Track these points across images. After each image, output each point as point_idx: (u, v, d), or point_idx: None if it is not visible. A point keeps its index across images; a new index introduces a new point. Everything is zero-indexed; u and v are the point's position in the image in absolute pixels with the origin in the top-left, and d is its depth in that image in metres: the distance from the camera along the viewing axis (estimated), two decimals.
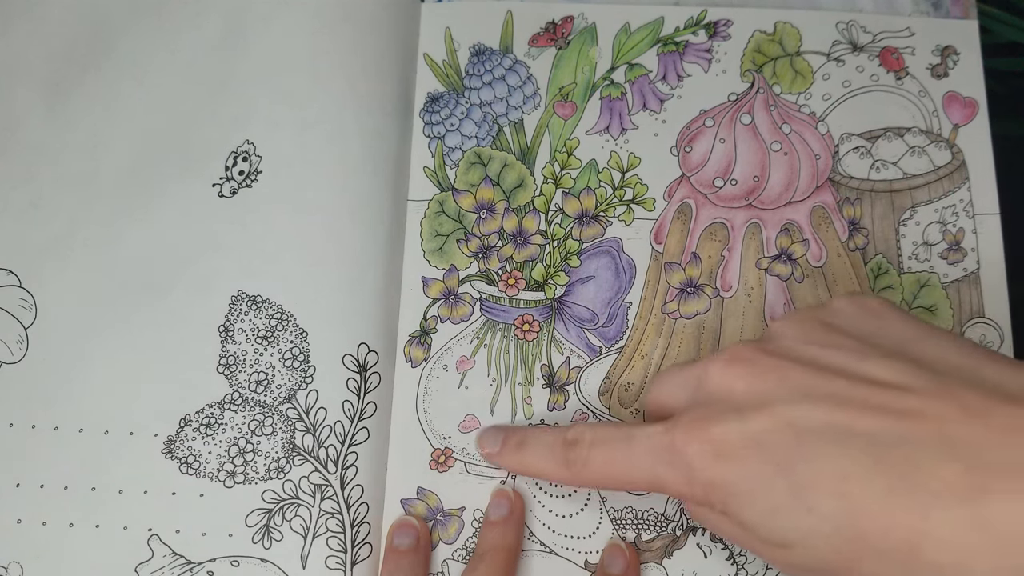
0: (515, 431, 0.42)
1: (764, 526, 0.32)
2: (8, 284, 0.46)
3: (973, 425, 0.29)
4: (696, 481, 0.33)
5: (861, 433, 0.30)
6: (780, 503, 0.31)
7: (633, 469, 0.36)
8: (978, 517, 0.28)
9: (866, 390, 0.31)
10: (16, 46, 0.50)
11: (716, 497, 0.33)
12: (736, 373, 0.34)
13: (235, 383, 0.44)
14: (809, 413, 0.31)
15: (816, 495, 0.30)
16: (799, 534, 0.31)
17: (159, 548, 0.43)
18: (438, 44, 0.50)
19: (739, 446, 0.32)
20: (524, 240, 0.47)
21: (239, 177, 0.47)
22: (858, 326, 0.35)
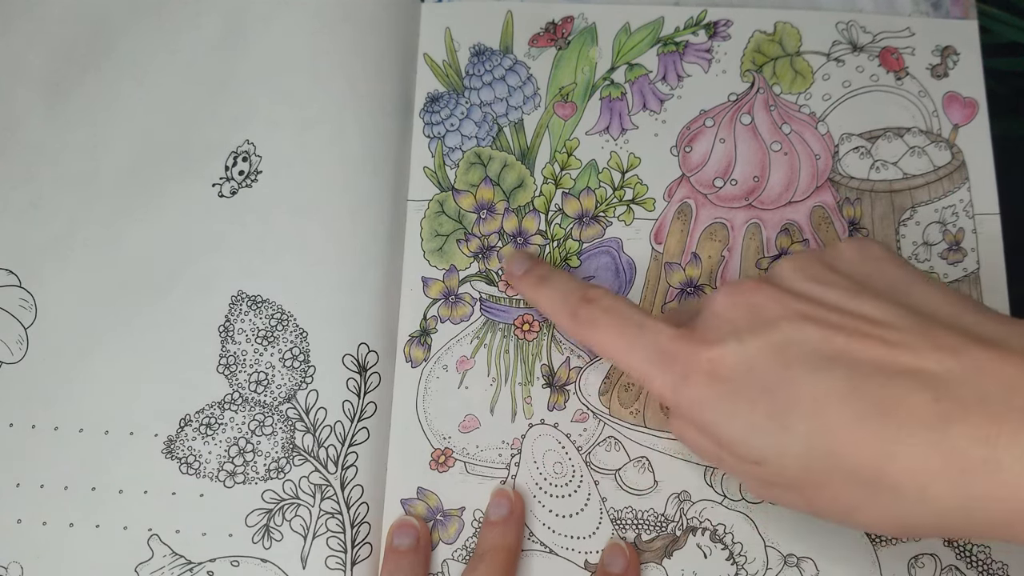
0: (542, 265, 0.45)
1: (741, 444, 0.34)
2: (8, 284, 0.46)
3: (945, 361, 0.31)
4: (683, 394, 0.35)
5: (843, 362, 0.32)
6: (758, 422, 0.33)
7: (631, 355, 0.38)
8: (941, 444, 0.30)
9: (853, 323, 0.34)
10: (16, 46, 0.50)
11: (697, 413, 0.35)
12: (737, 301, 0.36)
13: (235, 383, 0.44)
14: (800, 338, 0.34)
15: (793, 416, 0.32)
16: (773, 451, 0.33)
17: (159, 548, 0.43)
18: (438, 44, 0.50)
19: (733, 368, 0.34)
20: (524, 240, 0.47)
21: (239, 177, 0.47)
22: (856, 268, 0.37)
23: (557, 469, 0.44)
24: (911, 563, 0.43)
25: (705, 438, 0.36)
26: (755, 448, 0.33)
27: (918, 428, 0.30)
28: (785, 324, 0.34)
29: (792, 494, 0.34)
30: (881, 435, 0.31)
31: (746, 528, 0.43)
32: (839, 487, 0.32)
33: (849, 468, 0.31)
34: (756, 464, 0.34)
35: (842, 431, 0.31)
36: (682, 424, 0.37)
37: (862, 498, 0.32)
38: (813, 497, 0.33)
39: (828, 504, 0.33)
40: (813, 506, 0.34)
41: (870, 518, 0.32)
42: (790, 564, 0.43)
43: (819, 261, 0.37)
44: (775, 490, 0.35)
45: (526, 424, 0.45)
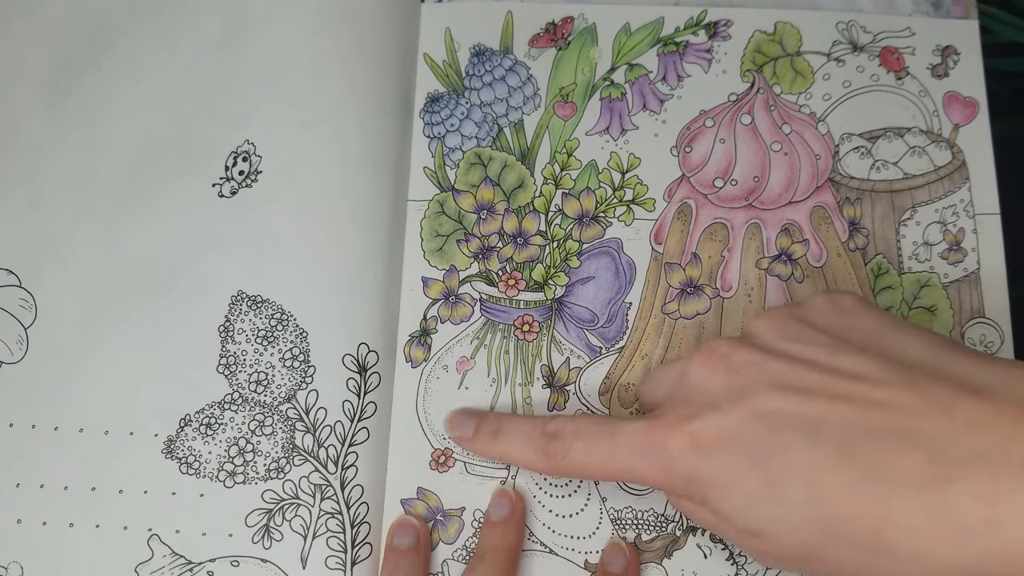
0: (489, 417, 0.43)
1: (739, 515, 0.33)
2: (8, 284, 0.46)
3: (937, 417, 0.30)
4: (675, 474, 0.35)
5: (830, 425, 0.32)
6: (754, 493, 0.33)
7: (614, 462, 0.37)
8: (937, 506, 0.29)
9: (836, 382, 0.33)
10: (16, 46, 0.50)
11: (695, 488, 0.35)
12: (713, 368, 0.36)
13: (235, 383, 0.44)
14: (782, 405, 0.33)
15: (786, 486, 0.32)
16: (771, 524, 0.32)
17: (159, 548, 0.43)
18: (438, 44, 0.50)
19: (716, 439, 0.34)
20: (524, 241, 0.47)
21: (239, 177, 0.47)
22: (831, 322, 0.37)
23: None
24: None
25: (705, 512, 0.35)
26: (752, 520, 0.33)
27: (913, 490, 0.30)
28: (764, 391, 0.34)
29: (792, 564, 0.34)
30: (876, 499, 0.30)
31: None
32: (838, 554, 0.32)
33: (846, 535, 0.31)
34: (755, 536, 0.33)
35: (837, 497, 0.31)
36: (683, 502, 0.36)
37: (862, 563, 0.31)
38: (812, 565, 0.33)
39: (826, 569, 0.33)
40: (814, 572, 0.33)
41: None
42: None
43: (793, 317, 0.37)
44: (776, 561, 0.34)
45: None
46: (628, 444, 0.37)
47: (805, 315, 0.37)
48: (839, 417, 0.32)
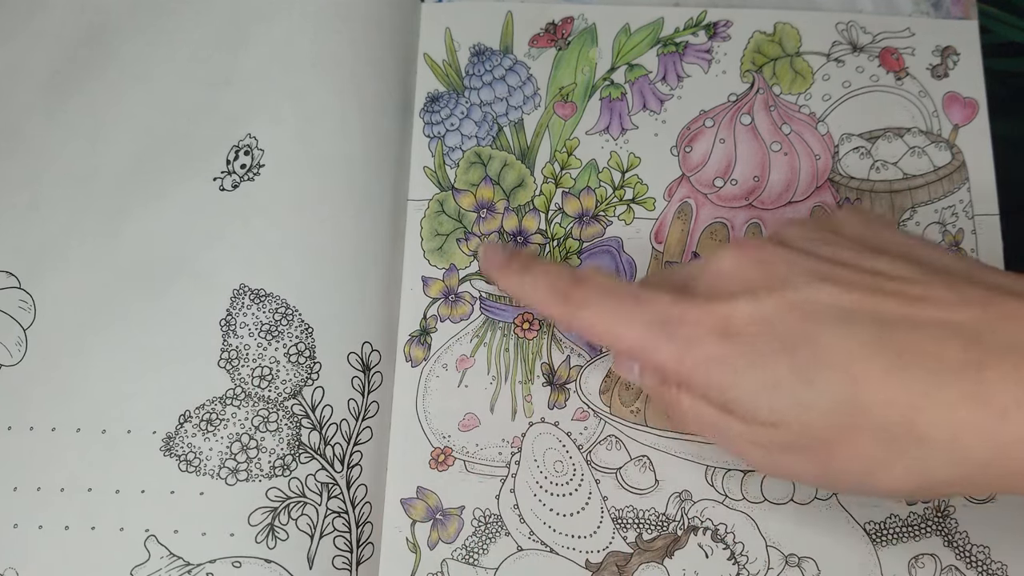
0: (520, 255, 0.41)
1: (755, 403, 0.33)
2: (8, 286, 0.46)
3: (972, 311, 0.31)
4: (690, 356, 0.34)
5: (865, 314, 0.32)
6: (780, 379, 0.32)
7: (630, 329, 0.35)
8: (972, 392, 0.29)
9: (871, 279, 0.33)
10: (17, 47, 0.50)
11: (705, 375, 0.34)
12: (748, 257, 0.35)
13: (237, 378, 0.44)
14: (817, 295, 0.33)
15: (818, 370, 0.31)
16: (795, 410, 0.32)
17: (156, 549, 0.42)
18: (438, 44, 0.50)
19: (748, 324, 0.33)
20: (524, 239, 0.47)
21: (241, 171, 0.47)
22: (861, 232, 0.36)
23: (558, 468, 0.44)
24: (911, 563, 0.43)
25: (710, 407, 0.34)
26: (772, 409, 0.32)
27: (949, 377, 0.30)
28: (801, 281, 0.33)
29: (806, 458, 0.33)
30: (911, 386, 0.30)
31: (748, 528, 0.43)
32: (863, 444, 0.31)
33: (877, 423, 0.31)
34: (771, 427, 0.32)
35: (870, 384, 0.31)
36: (681, 396, 0.35)
37: (886, 455, 0.31)
38: (830, 458, 0.32)
39: (846, 464, 0.32)
40: (828, 469, 0.33)
41: (891, 477, 0.31)
42: (791, 564, 0.43)
43: (823, 226, 0.37)
44: (787, 456, 0.33)
45: (526, 423, 0.45)
46: (651, 312, 0.35)
47: (835, 225, 0.37)
48: (874, 308, 0.32)
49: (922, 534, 0.43)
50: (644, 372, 0.38)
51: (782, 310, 0.33)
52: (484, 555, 0.43)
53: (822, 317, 0.32)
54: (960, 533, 0.43)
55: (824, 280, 0.33)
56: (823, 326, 0.32)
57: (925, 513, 0.43)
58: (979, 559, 0.43)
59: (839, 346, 0.31)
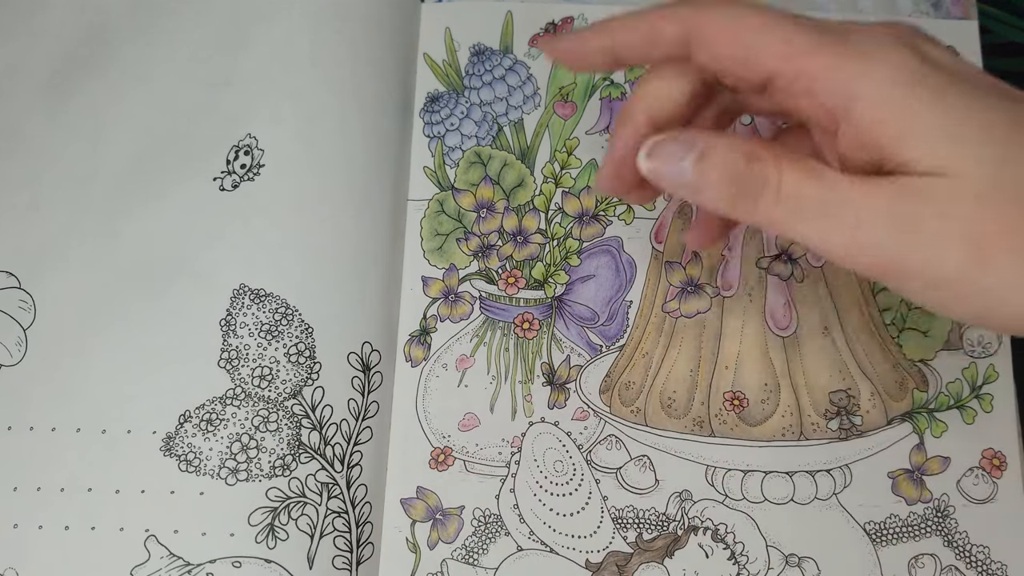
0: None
1: (944, 130, 0.29)
2: (8, 286, 0.46)
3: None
4: (870, 60, 0.30)
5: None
6: (984, 105, 0.30)
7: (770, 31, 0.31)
8: None
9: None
10: (17, 47, 0.50)
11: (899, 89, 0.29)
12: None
13: (237, 378, 0.44)
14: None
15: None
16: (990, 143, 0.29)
17: (156, 549, 0.42)
18: (438, 44, 0.50)
19: (936, 61, 0.30)
20: (524, 239, 0.47)
21: (240, 171, 0.47)
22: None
23: (558, 468, 0.44)
24: (911, 563, 0.43)
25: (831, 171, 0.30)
26: (963, 139, 0.29)
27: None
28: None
29: (972, 223, 0.29)
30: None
31: (748, 528, 0.43)
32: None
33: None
34: (936, 177, 0.29)
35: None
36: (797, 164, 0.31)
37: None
38: (999, 237, 0.28)
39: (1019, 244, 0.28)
40: (993, 247, 0.28)
41: None
42: (791, 564, 0.43)
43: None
44: (946, 222, 0.29)
45: (526, 422, 0.45)
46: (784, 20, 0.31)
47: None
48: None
49: (922, 534, 0.43)
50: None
51: (982, 74, 0.31)
52: (484, 555, 0.43)
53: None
54: (960, 533, 0.43)
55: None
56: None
57: (925, 513, 0.43)
58: (979, 559, 0.43)
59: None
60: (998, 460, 0.44)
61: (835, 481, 0.44)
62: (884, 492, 0.44)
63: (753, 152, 0.31)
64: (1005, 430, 0.44)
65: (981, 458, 0.44)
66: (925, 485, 0.44)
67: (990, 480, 0.44)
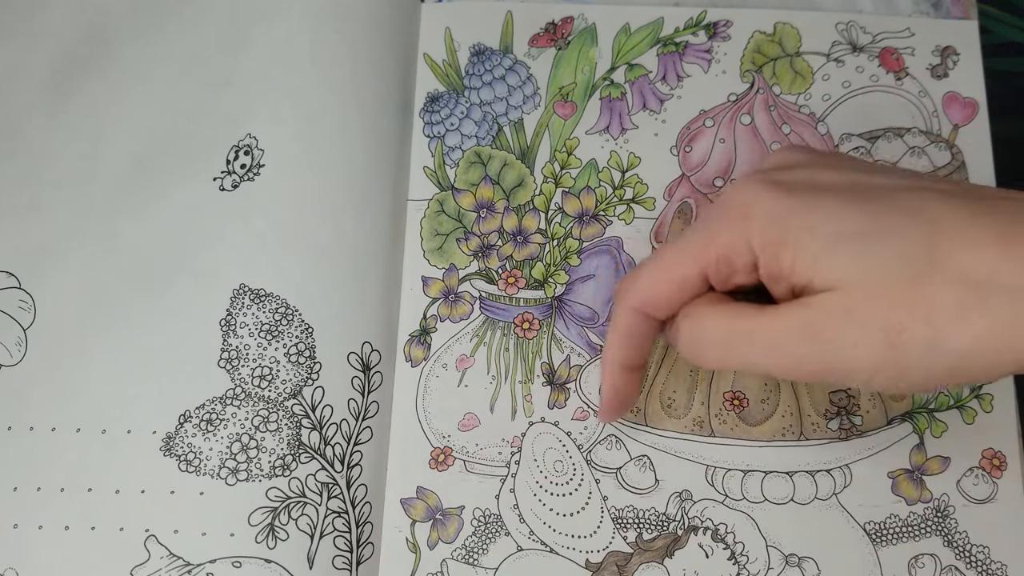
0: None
1: (825, 257, 0.31)
2: (8, 286, 0.46)
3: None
4: (754, 217, 0.33)
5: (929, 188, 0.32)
6: (853, 227, 0.31)
7: (687, 245, 0.35)
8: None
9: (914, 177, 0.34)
10: (17, 48, 0.50)
11: (775, 231, 0.32)
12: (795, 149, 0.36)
13: (237, 378, 0.44)
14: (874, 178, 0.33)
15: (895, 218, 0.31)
16: (866, 261, 0.31)
17: (156, 549, 0.42)
18: (438, 44, 0.50)
19: (805, 185, 0.33)
20: (524, 239, 0.47)
21: (240, 171, 0.47)
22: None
23: (558, 468, 0.44)
24: (911, 563, 0.43)
25: (749, 309, 0.34)
26: (842, 261, 0.31)
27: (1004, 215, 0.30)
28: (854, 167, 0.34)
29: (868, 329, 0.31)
30: (992, 232, 0.29)
31: (748, 528, 0.43)
32: (941, 293, 0.29)
33: (959, 269, 0.29)
34: (830, 292, 0.31)
35: (950, 229, 0.30)
36: (714, 310, 0.35)
37: (967, 304, 0.29)
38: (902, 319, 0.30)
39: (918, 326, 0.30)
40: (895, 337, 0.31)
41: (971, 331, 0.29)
42: (792, 564, 0.43)
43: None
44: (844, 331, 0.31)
45: (526, 422, 0.45)
46: (702, 221, 0.34)
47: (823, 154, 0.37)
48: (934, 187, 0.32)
49: (922, 534, 0.43)
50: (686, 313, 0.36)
51: (840, 179, 0.33)
52: (484, 555, 0.43)
53: (885, 186, 0.32)
54: (960, 533, 0.43)
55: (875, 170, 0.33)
56: (888, 191, 0.32)
57: (925, 513, 0.43)
58: (979, 559, 0.43)
59: (909, 200, 0.31)
60: (998, 460, 0.44)
61: (835, 481, 0.44)
62: (884, 492, 0.43)
63: (682, 314, 0.36)
64: (1005, 430, 0.44)
65: (981, 458, 0.44)
66: (925, 485, 0.44)
67: (990, 480, 0.43)
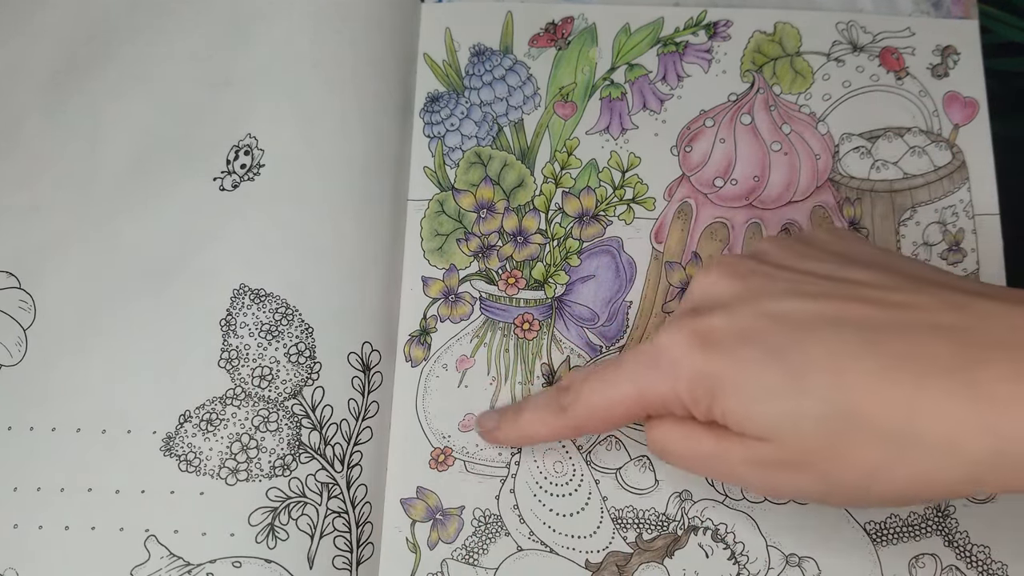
0: (511, 406, 0.43)
1: (747, 414, 0.32)
2: (8, 286, 0.46)
3: (956, 314, 0.31)
4: (682, 376, 0.34)
5: (851, 320, 0.32)
6: (772, 386, 0.32)
7: (620, 387, 0.36)
8: (968, 390, 0.29)
9: (851, 288, 0.33)
10: (17, 48, 0.50)
11: (702, 389, 0.33)
12: (719, 275, 0.35)
13: (237, 378, 0.44)
14: (798, 306, 0.33)
15: (809, 377, 0.31)
16: (788, 420, 0.32)
17: (156, 549, 0.42)
18: (438, 44, 0.50)
19: (725, 335, 0.33)
20: (524, 239, 0.47)
21: (241, 171, 0.47)
22: (835, 246, 0.37)
23: (557, 468, 0.44)
24: (911, 563, 0.43)
25: (704, 434, 0.35)
26: (764, 419, 0.32)
27: (942, 375, 0.30)
28: (777, 294, 0.33)
29: (804, 473, 0.32)
30: (905, 387, 0.30)
31: (748, 528, 0.43)
32: (861, 449, 0.31)
33: (873, 425, 0.30)
34: (765, 442, 0.32)
35: (863, 386, 0.30)
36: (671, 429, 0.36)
37: (886, 458, 0.30)
38: (830, 469, 0.32)
39: (846, 473, 0.31)
40: (828, 480, 0.32)
41: (895, 481, 0.31)
42: (792, 564, 0.43)
43: (798, 240, 0.37)
44: (784, 474, 0.33)
45: None
46: (633, 362, 0.36)
47: (809, 240, 0.37)
48: (859, 314, 0.32)
49: (922, 534, 0.43)
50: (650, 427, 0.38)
51: (760, 321, 0.33)
52: (484, 555, 0.43)
53: (805, 325, 0.32)
54: (960, 533, 0.43)
55: (802, 294, 0.33)
56: (807, 333, 0.32)
57: (925, 513, 0.43)
58: (979, 559, 0.43)
59: (825, 351, 0.31)
60: None
61: None
62: None
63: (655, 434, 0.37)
64: None
65: None
66: None
67: None
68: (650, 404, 0.36)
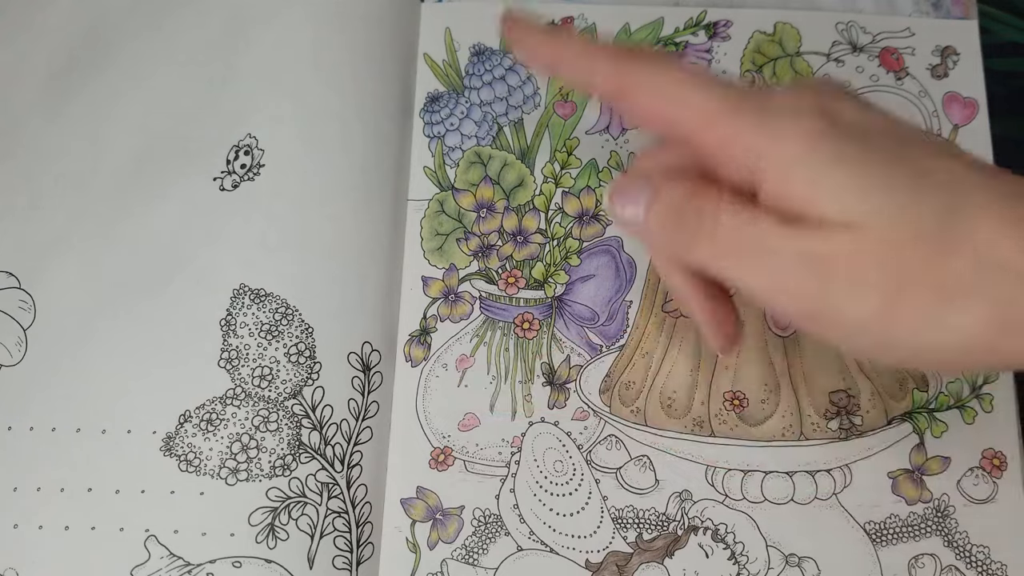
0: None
1: (844, 191, 0.29)
2: (8, 286, 0.46)
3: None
4: (779, 129, 0.30)
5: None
6: (894, 175, 0.29)
7: (703, 91, 0.31)
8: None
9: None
10: (17, 48, 0.50)
11: (793, 153, 0.30)
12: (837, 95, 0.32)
13: (237, 377, 0.44)
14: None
15: (927, 174, 0.29)
16: (889, 207, 0.29)
17: (156, 549, 0.42)
18: (438, 44, 0.50)
19: (857, 120, 0.31)
20: (524, 239, 0.47)
21: (240, 171, 0.47)
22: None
23: (558, 468, 0.44)
24: (911, 563, 0.43)
25: (767, 215, 0.30)
26: (861, 202, 0.29)
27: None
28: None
29: (871, 285, 0.29)
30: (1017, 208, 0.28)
31: (748, 528, 0.43)
32: (950, 265, 0.28)
33: (977, 239, 0.28)
34: (845, 228, 0.29)
35: (977, 197, 0.29)
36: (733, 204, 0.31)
37: (971, 282, 0.28)
38: (904, 284, 0.29)
39: (921, 295, 0.29)
40: (896, 301, 0.29)
41: (967, 313, 0.28)
42: (791, 564, 0.43)
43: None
44: (846, 286, 0.29)
45: (526, 422, 0.45)
46: (731, 87, 0.31)
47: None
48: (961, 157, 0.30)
49: (922, 534, 0.43)
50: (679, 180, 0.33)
51: (892, 125, 0.31)
52: (484, 555, 0.43)
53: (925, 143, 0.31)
54: (960, 533, 0.43)
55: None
56: (928, 149, 0.30)
57: (925, 513, 0.43)
58: (979, 559, 0.43)
59: (948, 165, 0.29)
60: (998, 460, 0.44)
61: (835, 481, 0.44)
62: (884, 492, 0.43)
63: (694, 190, 0.32)
64: (1005, 430, 0.44)
65: (981, 458, 0.44)
66: (925, 485, 0.44)
67: (990, 480, 0.43)
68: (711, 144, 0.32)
